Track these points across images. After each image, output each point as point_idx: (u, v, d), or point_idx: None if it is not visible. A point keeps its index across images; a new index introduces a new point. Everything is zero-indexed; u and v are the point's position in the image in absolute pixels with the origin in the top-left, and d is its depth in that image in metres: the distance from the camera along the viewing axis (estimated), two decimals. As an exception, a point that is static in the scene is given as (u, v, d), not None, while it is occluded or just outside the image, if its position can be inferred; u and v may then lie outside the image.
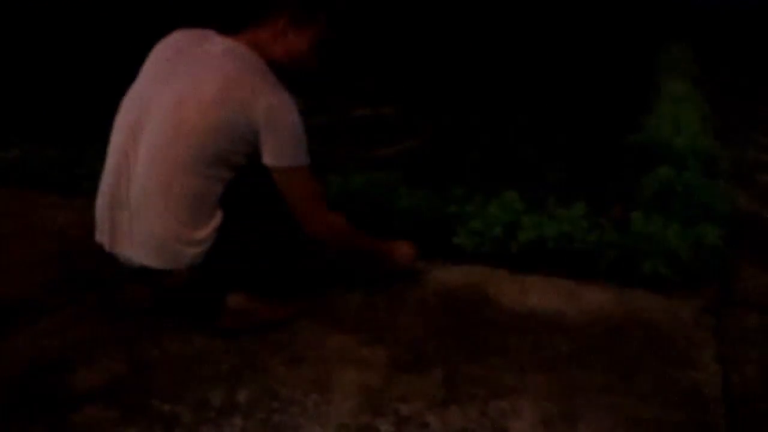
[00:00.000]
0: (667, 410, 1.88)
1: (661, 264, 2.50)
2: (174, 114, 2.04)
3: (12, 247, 2.80)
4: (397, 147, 3.84)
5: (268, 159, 2.08)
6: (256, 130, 2.05)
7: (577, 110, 4.45)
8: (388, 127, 4.29)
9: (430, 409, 1.88)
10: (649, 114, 3.91)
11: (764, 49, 6.30)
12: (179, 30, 2.23)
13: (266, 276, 2.24)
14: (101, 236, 2.20)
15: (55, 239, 2.85)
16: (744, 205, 3.19)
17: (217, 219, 2.11)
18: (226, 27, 2.23)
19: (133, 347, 2.14)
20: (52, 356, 2.11)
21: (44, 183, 3.39)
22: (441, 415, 1.86)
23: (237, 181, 2.13)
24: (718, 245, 2.59)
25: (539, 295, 2.45)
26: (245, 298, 2.20)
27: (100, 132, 3.61)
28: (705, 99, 4.40)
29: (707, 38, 6.25)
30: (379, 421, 1.84)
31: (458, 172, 3.41)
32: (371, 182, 3.08)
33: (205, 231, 2.09)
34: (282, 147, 2.08)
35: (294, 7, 2.17)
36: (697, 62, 5.44)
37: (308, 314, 2.31)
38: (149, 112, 2.08)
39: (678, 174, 3.03)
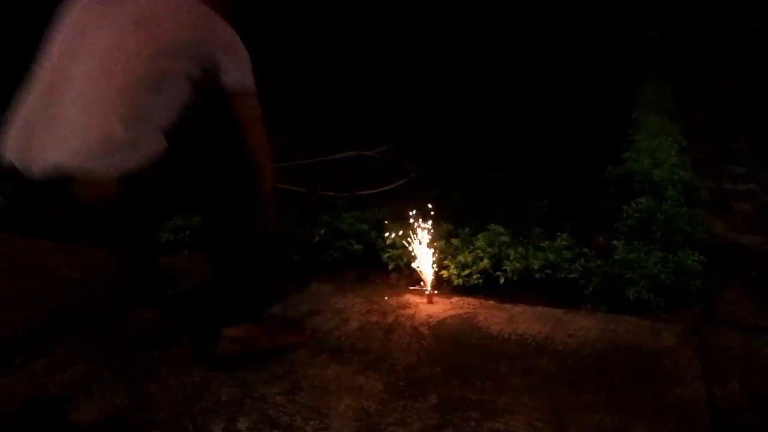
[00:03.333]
0: (655, 425, 1.94)
1: (644, 289, 2.58)
2: (135, 29, 2.09)
3: (4, 289, 2.83)
4: (382, 186, 3.93)
5: (228, 81, 2.19)
6: (213, 56, 2.15)
7: (560, 145, 4.57)
8: (372, 167, 4.39)
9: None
10: (629, 148, 4.03)
11: (738, 80, 6.48)
12: None
13: (262, 305, 2.29)
14: (11, 153, 2.08)
15: (46, 280, 2.89)
16: (722, 232, 3.29)
17: (155, 145, 2.06)
18: None
19: (132, 381, 2.19)
20: (52, 392, 2.15)
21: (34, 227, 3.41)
22: (437, 437, 1.92)
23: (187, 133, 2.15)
24: (698, 270, 2.67)
25: (527, 322, 2.51)
26: (243, 328, 2.25)
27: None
28: (682, 132, 4.53)
29: (683, 71, 6.43)
30: (376, 444, 1.90)
31: (445, 209, 3.49)
32: (360, 220, 3.16)
33: (139, 151, 2.03)
34: (240, 71, 2.21)
35: None
36: (673, 96, 5.58)
37: (304, 345, 2.37)
38: (100, 28, 2.11)
39: (658, 204, 3.12)
